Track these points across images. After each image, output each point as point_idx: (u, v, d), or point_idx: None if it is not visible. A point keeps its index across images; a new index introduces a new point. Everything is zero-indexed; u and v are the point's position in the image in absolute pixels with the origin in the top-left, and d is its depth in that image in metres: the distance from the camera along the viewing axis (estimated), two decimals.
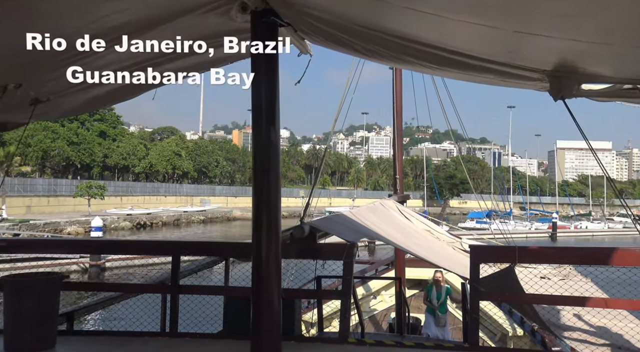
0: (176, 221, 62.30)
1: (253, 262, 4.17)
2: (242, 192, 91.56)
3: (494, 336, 9.53)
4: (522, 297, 5.18)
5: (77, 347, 4.75)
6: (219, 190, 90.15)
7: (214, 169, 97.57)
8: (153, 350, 4.63)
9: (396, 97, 10.93)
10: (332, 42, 4.15)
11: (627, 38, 2.97)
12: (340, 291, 5.45)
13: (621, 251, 4.68)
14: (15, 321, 4.58)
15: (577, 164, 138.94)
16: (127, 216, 55.70)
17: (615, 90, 3.74)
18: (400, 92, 11.03)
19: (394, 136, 11.22)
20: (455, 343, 6.16)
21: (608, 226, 64.37)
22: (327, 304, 8.45)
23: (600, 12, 2.71)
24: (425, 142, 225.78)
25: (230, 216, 72.98)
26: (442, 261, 6.76)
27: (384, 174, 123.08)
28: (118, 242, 13.86)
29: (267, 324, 4.09)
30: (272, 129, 4.07)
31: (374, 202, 8.90)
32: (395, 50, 3.82)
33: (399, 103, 10.96)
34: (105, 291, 6.19)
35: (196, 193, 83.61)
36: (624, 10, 2.65)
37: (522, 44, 3.26)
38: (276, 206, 4.16)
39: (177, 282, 5.34)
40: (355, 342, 4.90)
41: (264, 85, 4.04)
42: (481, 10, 2.90)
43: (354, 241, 5.37)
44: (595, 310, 5.36)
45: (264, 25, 3.85)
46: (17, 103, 4.45)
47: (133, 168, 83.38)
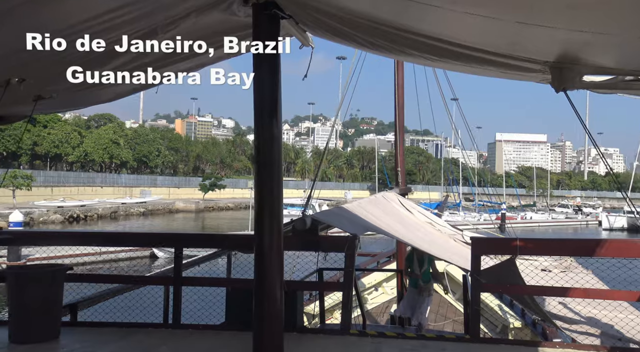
0: (113, 214, 57.92)
1: (255, 254, 4.20)
2: (185, 183, 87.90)
3: (494, 327, 9.57)
4: (523, 289, 5.20)
5: (81, 338, 4.79)
6: (160, 180, 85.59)
7: (155, 158, 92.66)
8: (156, 341, 4.67)
9: (398, 91, 10.90)
10: (334, 35, 4.15)
11: (632, 29, 2.97)
12: (342, 283, 5.48)
13: (623, 243, 4.70)
14: (20, 312, 4.62)
15: (514, 156, 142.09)
16: (57, 208, 51.39)
17: (617, 82, 3.74)
18: (402, 85, 11.00)
19: (396, 130, 11.20)
20: (456, 334, 6.20)
21: (552, 216, 65.44)
22: (329, 296, 8.50)
23: (605, 2, 2.71)
24: (370, 133, 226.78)
25: (172, 207, 69.32)
26: (443, 253, 6.78)
27: (331, 165, 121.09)
28: (121, 234, 13.91)
29: (270, 316, 4.12)
30: (274, 122, 4.09)
31: (375, 195, 8.91)
32: (398, 43, 3.82)
33: (400, 97, 10.94)
34: (109, 282, 6.23)
35: (136, 184, 78.75)
36: (630, 0, 2.65)
37: (524, 35, 3.26)
38: (278, 199, 4.18)
39: (180, 274, 5.37)
40: (357, 333, 4.94)
41: (266, 78, 4.04)
42: (484, 1, 2.90)
43: (355, 233, 5.39)
44: (596, 301, 5.39)
45: (266, 18, 3.85)
46: (20, 98, 4.47)
47: (66, 157, 78.78)
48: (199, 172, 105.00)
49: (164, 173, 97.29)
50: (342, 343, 4.66)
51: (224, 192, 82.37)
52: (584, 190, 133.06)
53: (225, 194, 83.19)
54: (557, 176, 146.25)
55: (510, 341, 6.00)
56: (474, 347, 4.55)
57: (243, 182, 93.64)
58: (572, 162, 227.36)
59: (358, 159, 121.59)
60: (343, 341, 4.70)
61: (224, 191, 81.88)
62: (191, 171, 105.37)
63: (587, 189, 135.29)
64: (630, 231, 54.77)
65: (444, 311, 10.98)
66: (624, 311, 5.48)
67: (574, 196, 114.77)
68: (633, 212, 58.13)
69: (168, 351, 4.43)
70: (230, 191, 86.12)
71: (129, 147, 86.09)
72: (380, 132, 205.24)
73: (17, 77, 4.05)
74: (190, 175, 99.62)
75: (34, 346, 4.48)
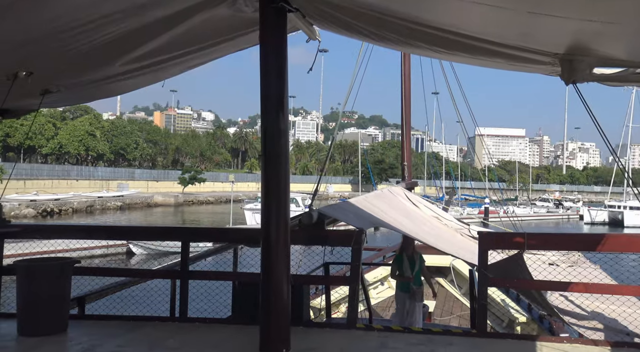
0: (89, 208, 55.75)
1: (262, 249, 4.20)
2: (164, 176, 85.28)
3: (501, 322, 9.55)
4: (530, 283, 5.18)
5: (89, 331, 4.81)
6: (138, 174, 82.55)
7: (133, 151, 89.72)
8: (164, 334, 4.69)
9: (405, 84, 10.85)
10: (341, 28, 4.13)
11: None
12: (348, 277, 5.47)
13: (632, 238, 4.65)
14: (28, 305, 4.65)
15: (494, 150, 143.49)
16: (30, 202, 49.54)
17: (628, 75, 3.69)
18: (409, 78, 10.94)
19: (402, 123, 11.14)
20: (463, 329, 6.19)
21: (533, 210, 65.36)
22: (335, 290, 8.50)
23: None
24: (351, 127, 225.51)
25: (151, 201, 66.83)
26: (450, 247, 6.76)
27: (313, 158, 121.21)
28: (131, 227, 13.94)
29: (276, 310, 4.13)
30: (281, 116, 4.07)
31: (382, 189, 8.88)
32: (406, 35, 3.79)
33: (407, 89, 10.89)
34: (116, 276, 6.26)
35: (113, 177, 76.00)
36: None
37: (535, 25, 3.21)
38: (285, 193, 4.18)
39: (186, 267, 5.38)
40: (364, 327, 4.93)
41: (273, 72, 4.03)
42: None
43: (362, 228, 5.38)
44: (604, 296, 5.35)
45: (273, 11, 3.83)
46: (27, 92, 4.48)
47: (40, 149, 76.78)
48: (178, 165, 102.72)
49: (142, 166, 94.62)
50: (348, 337, 4.65)
51: (204, 186, 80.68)
52: (562, 184, 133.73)
53: (205, 187, 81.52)
54: (537, 170, 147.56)
55: (517, 336, 5.98)
56: (481, 342, 4.53)
57: (223, 175, 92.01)
58: (549, 156, 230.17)
59: (339, 153, 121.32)
60: (349, 335, 4.70)
61: (204, 184, 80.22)
62: (170, 164, 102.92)
63: (566, 183, 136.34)
64: (612, 225, 55.19)
65: (450, 306, 10.97)
66: (632, 306, 5.44)
67: (554, 190, 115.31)
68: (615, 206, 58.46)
69: (175, 344, 4.44)
70: (211, 185, 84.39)
71: (105, 140, 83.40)
72: (361, 126, 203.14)
73: (25, 71, 4.05)
74: (170, 168, 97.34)
75: (42, 338, 4.51)
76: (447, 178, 75.21)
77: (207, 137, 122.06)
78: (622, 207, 57.55)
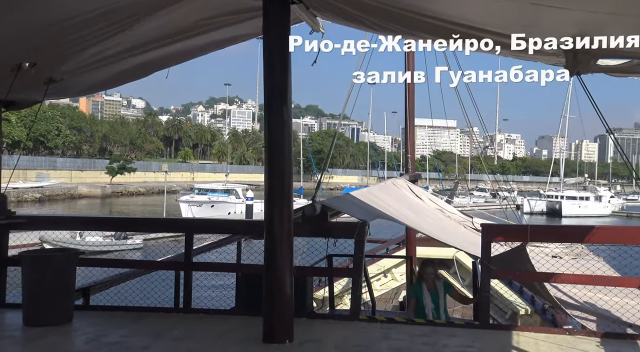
0: None
1: (265, 240, 4.21)
2: (90, 165, 79.18)
3: (504, 314, 9.56)
4: (533, 275, 5.18)
5: (94, 321, 4.85)
6: (61, 163, 75.97)
7: (55, 138, 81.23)
8: (168, 325, 4.72)
9: (410, 78, 10.75)
10: (344, 19, 4.12)
11: None
12: (351, 269, 5.49)
13: (634, 230, 4.65)
14: (34, 296, 4.68)
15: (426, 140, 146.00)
16: None
17: (632, 66, 3.67)
18: (412, 68, 10.87)
19: (406, 115, 11.09)
20: (466, 321, 6.20)
21: (472, 200, 65.32)
22: (339, 282, 8.52)
23: None
24: None
25: (75, 193, 61.78)
26: (453, 239, 6.76)
27: (250, 147, 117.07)
28: (137, 219, 13.98)
29: (280, 301, 4.15)
30: (284, 108, 4.07)
31: (385, 181, 8.87)
32: (409, 26, 3.77)
33: (411, 83, 10.80)
34: (120, 267, 6.29)
35: (31, 166, 68.96)
36: None
37: (539, 16, 3.20)
38: (289, 185, 4.19)
39: (190, 259, 5.41)
40: (367, 319, 4.95)
41: (277, 64, 4.02)
42: None
43: (365, 220, 5.38)
44: (607, 288, 5.35)
45: (277, 2, 3.82)
46: (31, 82, 4.49)
47: None
48: (106, 154, 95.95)
49: (65, 155, 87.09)
50: (351, 328, 4.68)
51: (135, 176, 76.37)
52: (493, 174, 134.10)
53: (136, 177, 77.18)
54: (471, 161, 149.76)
55: (520, 328, 5.99)
56: (484, 334, 4.55)
57: (156, 164, 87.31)
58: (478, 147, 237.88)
59: None
60: (352, 326, 4.72)
61: (135, 174, 75.96)
62: (97, 153, 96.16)
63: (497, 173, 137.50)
64: (550, 215, 55.48)
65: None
66: (635, 298, 5.44)
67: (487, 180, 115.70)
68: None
69: (179, 334, 4.47)
70: (142, 175, 80.00)
71: (22, 125, 73.95)
72: (297, 115, 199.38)
73: (28, 62, 4.06)
74: (97, 157, 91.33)
75: (47, 329, 4.54)
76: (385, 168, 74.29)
77: (138, 125, 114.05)
78: (560, 197, 57.95)
